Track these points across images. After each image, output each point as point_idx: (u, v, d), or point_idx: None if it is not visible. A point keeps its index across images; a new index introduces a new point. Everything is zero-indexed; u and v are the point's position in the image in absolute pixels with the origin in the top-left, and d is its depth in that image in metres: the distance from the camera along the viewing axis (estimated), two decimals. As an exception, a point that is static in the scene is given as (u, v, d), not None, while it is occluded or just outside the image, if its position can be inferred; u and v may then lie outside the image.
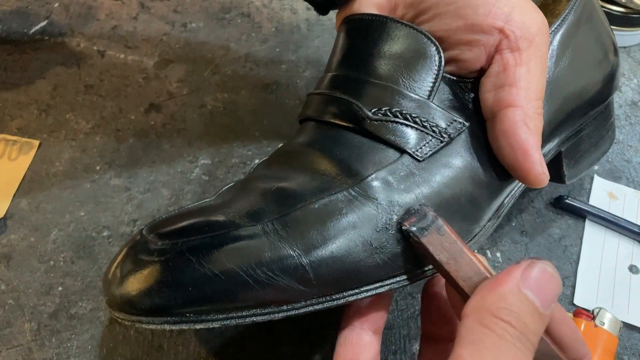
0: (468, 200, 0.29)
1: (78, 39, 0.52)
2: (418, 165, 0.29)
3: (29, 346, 0.34)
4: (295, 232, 0.26)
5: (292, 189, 0.28)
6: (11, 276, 0.37)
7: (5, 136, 0.44)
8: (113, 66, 0.50)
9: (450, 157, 0.29)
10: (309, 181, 0.28)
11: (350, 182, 0.28)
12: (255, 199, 0.28)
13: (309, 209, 0.27)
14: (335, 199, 0.27)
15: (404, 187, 0.28)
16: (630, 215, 0.41)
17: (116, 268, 0.27)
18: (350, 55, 0.32)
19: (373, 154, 0.29)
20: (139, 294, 0.26)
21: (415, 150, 0.29)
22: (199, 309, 0.25)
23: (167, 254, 0.26)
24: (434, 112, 0.29)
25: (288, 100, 0.48)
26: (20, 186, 0.41)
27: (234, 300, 0.25)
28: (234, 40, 0.53)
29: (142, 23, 0.54)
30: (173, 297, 0.25)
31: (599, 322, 0.34)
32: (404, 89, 0.29)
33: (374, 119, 0.29)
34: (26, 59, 0.50)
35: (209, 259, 0.25)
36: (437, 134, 0.29)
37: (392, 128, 0.29)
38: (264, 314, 0.26)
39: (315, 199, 0.27)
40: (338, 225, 0.26)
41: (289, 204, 0.27)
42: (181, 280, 0.25)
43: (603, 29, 0.36)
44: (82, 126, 0.45)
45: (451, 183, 0.29)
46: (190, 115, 0.47)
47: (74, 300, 0.36)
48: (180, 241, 0.26)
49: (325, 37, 0.53)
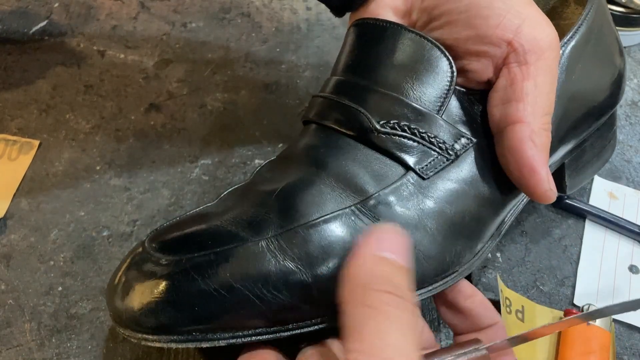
0: (472, 218, 0.29)
1: (78, 38, 0.52)
2: (423, 184, 0.28)
3: (29, 346, 0.34)
4: (299, 249, 0.26)
5: (295, 198, 0.28)
6: (11, 276, 0.37)
7: (5, 136, 0.44)
8: (113, 66, 0.50)
9: (455, 174, 0.29)
10: (312, 193, 0.28)
11: (354, 198, 0.28)
12: (258, 204, 0.28)
13: (313, 226, 0.27)
14: (338, 216, 0.27)
15: (408, 207, 0.28)
16: (630, 215, 0.41)
17: (119, 283, 0.27)
18: (359, 61, 0.31)
19: (378, 169, 0.28)
20: (144, 312, 0.26)
21: (422, 168, 0.28)
22: (205, 327, 0.25)
23: (171, 272, 0.26)
24: (442, 128, 0.29)
25: (288, 100, 0.48)
26: (20, 186, 0.41)
27: (241, 318, 0.25)
28: (234, 40, 0.53)
29: (142, 23, 0.54)
30: (179, 316, 0.25)
31: (591, 321, 0.34)
32: (413, 102, 0.29)
33: (382, 132, 0.29)
34: (26, 58, 0.50)
35: (215, 278, 0.25)
36: (444, 151, 0.29)
37: (398, 142, 0.28)
38: (271, 333, 0.26)
39: (318, 215, 0.27)
40: (341, 244, 0.26)
41: (291, 218, 0.27)
42: (186, 300, 0.25)
43: (612, 39, 0.35)
44: (82, 126, 0.45)
45: (456, 201, 0.29)
46: (190, 115, 0.47)
47: (74, 300, 0.36)
48: (185, 258, 0.26)
49: (325, 37, 0.53)
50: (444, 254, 0.28)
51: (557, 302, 0.37)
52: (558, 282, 0.38)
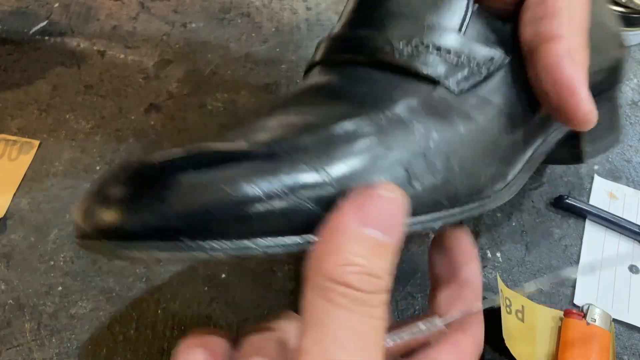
0: (505, 140, 0.27)
1: (78, 39, 0.52)
2: (455, 98, 0.26)
3: (29, 346, 0.34)
4: (317, 152, 0.22)
5: (309, 119, 0.24)
6: (11, 276, 0.37)
7: (5, 136, 0.44)
8: (113, 66, 0.50)
9: (488, 93, 0.27)
10: (327, 111, 0.24)
11: (380, 109, 0.24)
12: (274, 128, 0.24)
13: (333, 131, 0.23)
14: (362, 122, 0.23)
15: (440, 117, 0.25)
16: (630, 215, 0.41)
17: (93, 192, 0.22)
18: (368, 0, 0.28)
19: (402, 87, 0.26)
20: (120, 211, 0.20)
21: (451, 83, 0.26)
22: (199, 229, 0.20)
23: (158, 163, 0.21)
24: (471, 45, 0.27)
25: (288, 100, 0.48)
26: (20, 186, 0.41)
27: (245, 219, 0.20)
28: (234, 40, 0.53)
29: (142, 23, 0.54)
30: (168, 215, 0.20)
31: (590, 320, 0.34)
32: (436, 22, 0.27)
33: (405, 52, 0.26)
34: (26, 59, 0.50)
35: (213, 170, 0.20)
36: (474, 68, 0.26)
37: (424, 60, 0.26)
38: (282, 246, 0.21)
39: (338, 123, 0.23)
40: (368, 144, 0.23)
41: (307, 131, 0.23)
42: (182, 196, 0.20)
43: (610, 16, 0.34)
44: (82, 126, 0.45)
45: (490, 119, 0.26)
46: (191, 115, 0.47)
47: (74, 300, 0.36)
48: (179, 156, 0.21)
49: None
50: (480, 173, 0.26)
51: (557, 302, 0.37)
52: (558, 282, 0.38)
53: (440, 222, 0.25)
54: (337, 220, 0.19)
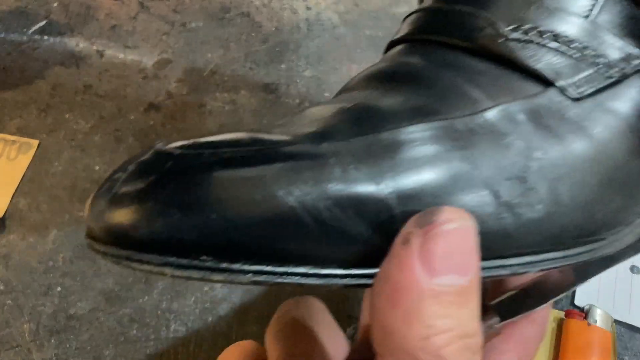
0: (637, 169, 0.21)
1: (77, 38, 0.52)
2: (570, 106, 0.20)
3: (28, 347, 0.34)
4: (382, 160, 0.17)
5: (378, 107, 0.19)
6: (10, 276, 0.37)
7: (4, 136, 0.44)
8: (112, 66, 0.50)
9: (618, 101, 0.21)
10: (402, 102, 0.20)
11: (467, 109, 0.19)
12: (323, 117, 0.19)
13: (405, 133, 0.18)
14: (443, 127, 0.18)
15: (549, 131, 0.19)
16: (631, 215, 0.41)
17: (105, 186, 0.18)
18: None
19: (502, 82, 0.20)
20: (134, 218, 0.17)
21: (569, 86, 0.20)
22: (222, 249, 0.16)
23: (184, 163, 0.17)
24: (602, 37, 0.21)
25: (288, 100, 0.48)
26: (19, 186, 0.41)
27: (278, 244, 0.17)
28: (233, 40, 0.52)
29: (142, 23, 0.53)
30: (185, 226, 0.16)
31: (591, 321, 0.34)
32: (557, 4, 0.21)
33: (511, 38, 0.21)
34: (25, 58, 0.50)
35: (247, 177, 0.16)
36: (602, 68, 0.20)
37: (535, 52, 0.20)
38: (319, 276, 0.17)
39: (414, 121, 0.18)
40: (446, 155, 0.18)
41: (372, 124, 0.18)
42: (201, 201, 0.16)
43: None
44: (81, 126, 0.45)
45: (620, 137, 0.20)
46: (190, 115, 0.46)
47: (73, 301, 0.36)
48: (208, 151, 0.17)
49: (325, 37, 0.53)
50: (595, 207, 0.20)
51: (558, 302, 0.37)
52: (559, 283, 0.38)
53: (531, 269, 0.19)
54: (402, 276, 0.15)
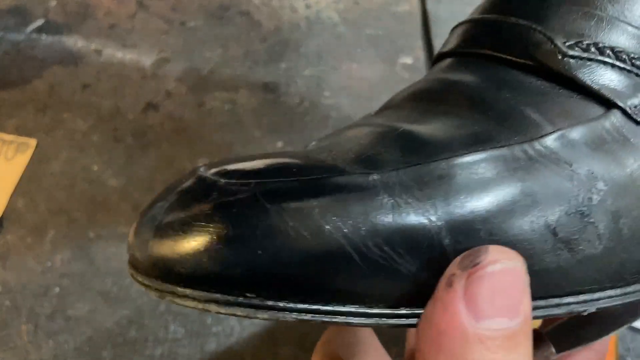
0: None
1: (75, 37, 0.51)
2: (635, 130, 0.19)
3: (26, 348, 0.34)
4: (437, 191, 0.17)
5: (428, 134, 0.18)
6: (8, 277, 0.37)
7: (1, 135, 0.44)
8: (111, 65, 0.49)
9: None
10: (455, 128, 0.19)
11: (526, 136, 0.18)
12: (369, 141, 0.18)
13: (460, 163, 0.17)
14: (501, 156, 0.17)
15: (612, 158, 0.18)
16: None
17: (149, 214, 0.18)
18: None
19: (562, 104, 0.19)
20: (180, 252, 0.16)
21: (634, 107, 0.19)
22: (269, 287, 0.16)
23: (229, 194, 0.16)
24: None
25: (288, 99, 0.48)
26: (17, 186, 0.41)
27: (325, 282, 0.16)
28: (233, 39, 0.52)
29: (140, 21, 0.53)
30: (231, 262, 0.16)
31: None
32: (616, 15, 0.20)
33: (570, 55, 0.19)
34: (23, 57, 0.49)
35: (295, 211, 0.16)
36: None
37: (596, 70, 0.19)
38: (367, 316, 0.16)
39: (469, 150, 0.17)
40: (503, 186, 0.17)
41: (424, 153, 0.17)
42: (248, 238, 0.16)
43: None
44: (80, 125, 0.45)
45: None
46: (189, 115, 0.46)
47: (71, 302, 0.35)
48: (254, 182, 0.16)
49: (325, 36, 0.53)
50: None
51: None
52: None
53: (589, 307, 0.18)
54: (446, 320, 0.14)
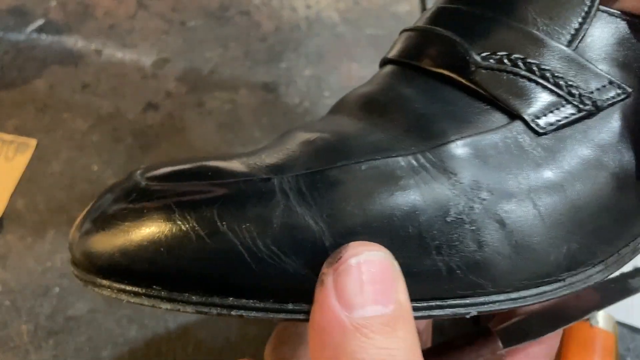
0: (603, 208, 0.20)
1: (75, 37, 0.51)
2: (535, 141, 0.19)
3: (26, 348, 0.34)
4: (325, 197, 0.18)
5: (338, 140, 0.20)
6: (8, 277, 0.37)
7: (1, 136, 0.44)
8: (110, 65, 0.49)
9: (590, 136, 0.19)
10: (364, 135, 0.20)
11: (423, 145, 0.19)
12: (290, 148, 0.20)
13: (353, 170, 0.18)
14: (393, 164, 0.18)
15: (504, 167, 0.19)
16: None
17: (91, 208, 0.21)
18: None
19: (469, 114, 0.20)
20: (97, 248, 0.19)
21: (536, 117, 0.19)
22: (171, 281, 0.18)
23: (145, 197, 0.19)
24: (580, 65, 0.19)
25: (288, 99, 0.48)
26: (17, 186, 0.41)
27: (221, 278, 0.18)
28: (233, 39, 0.52)
29: (140, 21, 0.53)
30: (138, 258, 0.18)
31: (594, 322, 0.33)
32: (532, 28, 0.20)
33: (483, 66, 0.20)
34: (23, 57, 0.49)
35: (197, 213, 0.18)
36: (575, 99, 0.19)
37: (505, 81, 0.20)
38: (257, 310, 0.18)
39: (365, 158, 0.19)
40: (389, 201, 0.18)
41: (326, 159, 0.19)
42: (153, 237, 0.18)
43: None
44: (80, 125, 0.45)
45: (584, 175, 0.19)
46: (189, 115, 0.46)
47: (71, 302, 0.35)
48: (170, 184, 0.19)
49: (325, 36, 0.53)
50: (548, 250, 0.19)
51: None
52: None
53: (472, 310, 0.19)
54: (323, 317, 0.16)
